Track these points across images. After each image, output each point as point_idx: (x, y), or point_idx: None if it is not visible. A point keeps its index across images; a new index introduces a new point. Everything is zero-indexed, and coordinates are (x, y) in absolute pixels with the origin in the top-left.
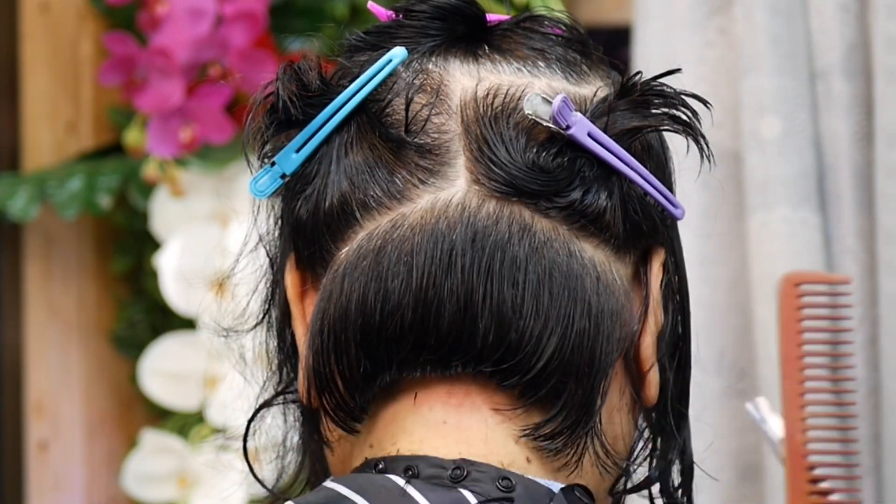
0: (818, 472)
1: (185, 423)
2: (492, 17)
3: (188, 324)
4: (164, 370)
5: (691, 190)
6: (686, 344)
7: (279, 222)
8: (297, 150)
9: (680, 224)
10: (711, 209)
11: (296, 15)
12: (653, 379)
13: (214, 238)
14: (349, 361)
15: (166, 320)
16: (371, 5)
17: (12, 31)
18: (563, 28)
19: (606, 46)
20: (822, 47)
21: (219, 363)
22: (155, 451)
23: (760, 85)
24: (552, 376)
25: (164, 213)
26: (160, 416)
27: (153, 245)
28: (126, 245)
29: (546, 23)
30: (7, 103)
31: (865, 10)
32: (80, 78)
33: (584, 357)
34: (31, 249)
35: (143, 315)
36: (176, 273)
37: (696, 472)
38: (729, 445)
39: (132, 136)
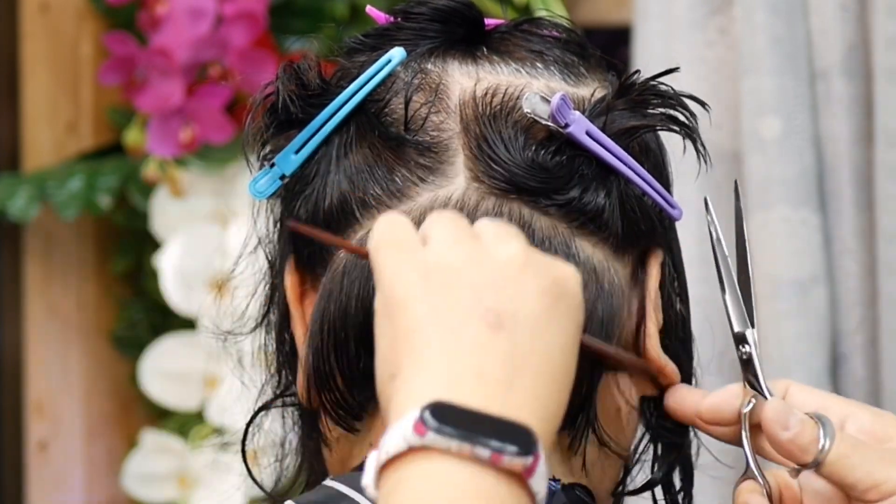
0: None
1: (185, 423)
2: (490, 21)
3: (188, 324)
4: (164, 370)
5: (691, 190)
6: (687, 345)
7: (278, 224)
8: (297, 151)
9: (679, 224)
10: (712, 209)
11: (296, 15)
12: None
13: (214, 238)
14: (349, 359)
15: (166, 320)
16: (369, 9)
17: (12, 31)
18: (561, 31)
19: (606, 46)
20: (822, 47)
21: (219, 363)
22: (155, 451)
23: (760, 85)
24: None
25: (164, 213)
26: (160, 416)
27: (153, 245)
28: (126, 245)
29: (544, 26)
30: (7, 103)
31: (865, 10)
32: (80, 78)
33: (582, 355)
34: (31, 249)
35: (143, 315)
36: (176, 273)
37: (697, 472)
38: (729, 445)
39: (132, 136)
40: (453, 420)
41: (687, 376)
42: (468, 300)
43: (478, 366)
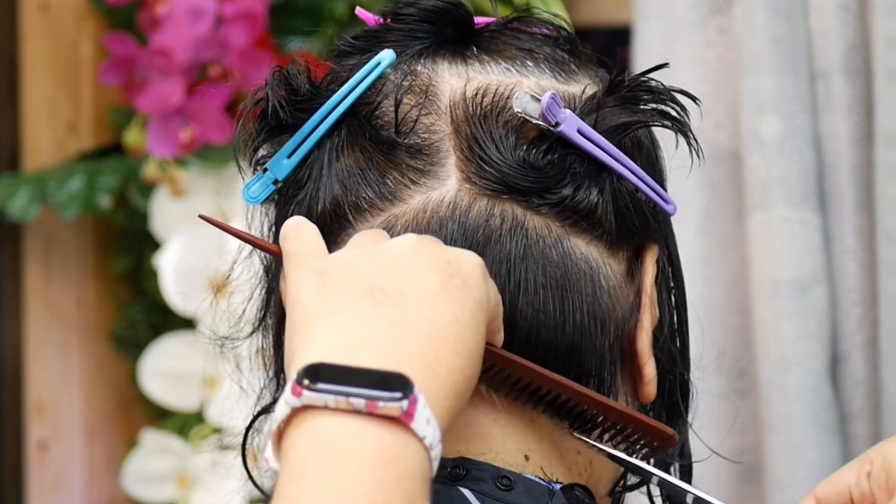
0: None
1: (185, 423)
2: (479, 19)
3: (188, 324)
4: (164, 370)
5: (691, 190)
6: (684, 339)
7: (273, 229)
8: (289, 156)
9: (679, 224)
10: (711, 209)
11: (296, 15)
12: (650, 375)
13: (214, 238)
14: None
15: (166, 320)
16: (359, 11)
17: (12, 31)
18: (551, 28)
19: (606, 46)
20: (822, 47)
21: (218, 363)
22: (155, 451)
23: (760, 85)
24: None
25: (164, 213)
26: (160, 416)
27: (153, 245)
28: (126, 245)
29: (534, 23)
30: (7, 103)
31: (865, 10)
32: (80, 78)
33: (579, 354)
34: (31, 249)
35: (143, 315)
36: (176, 273)
37: (695, 470)
38: (729, 445)
39: (132, 136)
40: (326, 377)
41: (684, 373)
42: (357, 285)
43: (360, 335)
